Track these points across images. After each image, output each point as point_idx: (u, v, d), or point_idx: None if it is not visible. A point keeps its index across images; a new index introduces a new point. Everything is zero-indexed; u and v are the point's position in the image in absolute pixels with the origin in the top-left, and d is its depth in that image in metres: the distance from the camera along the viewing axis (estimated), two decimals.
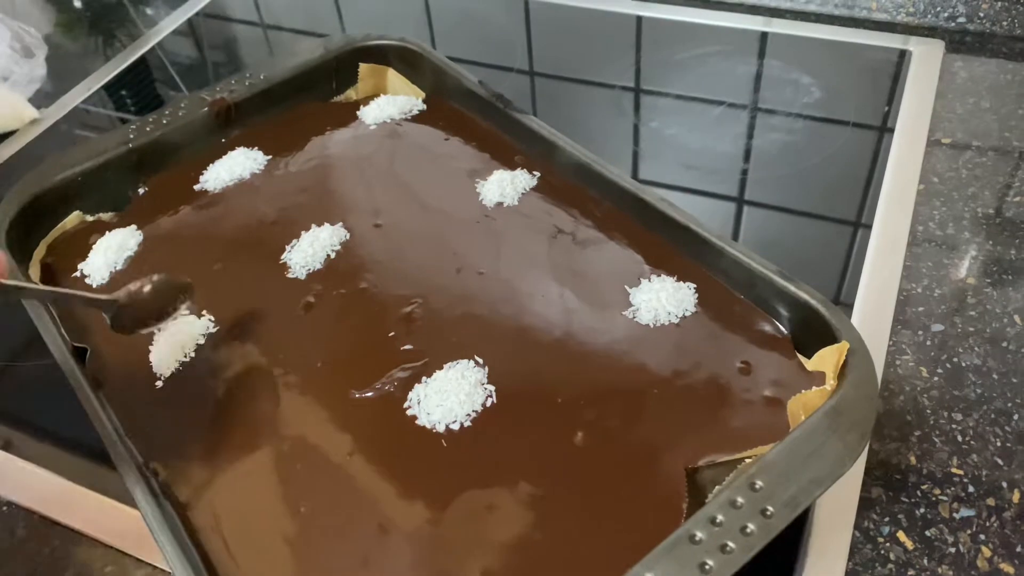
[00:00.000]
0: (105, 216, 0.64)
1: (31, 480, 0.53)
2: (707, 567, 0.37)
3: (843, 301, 0.57)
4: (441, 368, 0.48)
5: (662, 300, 0.50)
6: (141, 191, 0.65)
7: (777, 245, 0.63)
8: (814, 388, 0.45)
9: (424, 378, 0.48)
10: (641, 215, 0.55)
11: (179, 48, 0.97)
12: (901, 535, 0.46)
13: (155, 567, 0.48)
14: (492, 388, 0.47)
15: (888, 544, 0.46)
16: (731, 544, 0.38)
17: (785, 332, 0.49)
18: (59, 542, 0.50)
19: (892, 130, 0.70)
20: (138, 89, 0.90)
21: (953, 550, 0.45)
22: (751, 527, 0.38)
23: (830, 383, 0.44)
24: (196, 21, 1.00)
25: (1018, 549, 0.45)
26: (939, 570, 0.44)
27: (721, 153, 0.71)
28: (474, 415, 0.46)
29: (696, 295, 0.51)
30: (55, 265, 0.60)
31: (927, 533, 0.46)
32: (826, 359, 0.45)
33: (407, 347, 0.50)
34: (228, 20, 1.02)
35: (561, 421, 0.46)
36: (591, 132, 0.75)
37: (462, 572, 0.40)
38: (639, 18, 0.88)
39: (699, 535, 0.38)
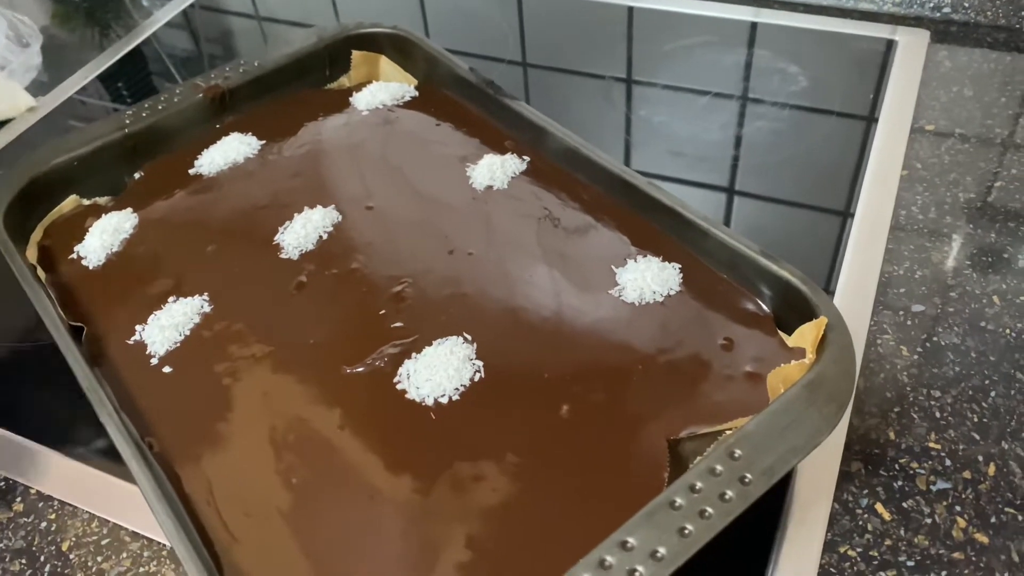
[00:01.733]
0: (101, 200, 0.65)
1: (27, 455, 0.54)
2: (686, 531, 0.38)
3: (827, 285, 0.58)
4: (430, 344, 0.49)
5: (647, 279, 0.51)
6: (137, 176, 0.66)
7: (764, 231, 0.64)
8: (793, 362, 0.46)
9: (414, 354, 0.49)
10: (628, 198, 0.56)
11: (174, 40, 0.98)
12: (879, 507, 0.47)
13: (151, 539, 0.49)
14: (480, 363, 0.48)
15: (866, 515, 0.47)
16: (710, 510, 0.39)
17: (767, 310, 0.50)
18: (55, 516, 0.51)
19: (877, 119, 0.71)
20: (133, 79, 0.91)
21: (929, 521, 0.46)
22: (729, 494, 0.39)
23: (809, 357, 0.46)
24: (191, 13, 1.01)
25: (992, 520, 0.46)
26: (915, 540, 0.46)
27: (710, 141, 0.72)
28: (462, 389, 0.47)
29: (681, 275, 0.52)
30: (52, 247, 0.61)
31: (904, 505, 0.47)
32: (806, 334, 0.46)
33: (397, 324, 0.51)
34: (223, 12, 1.03)
35: (547, 395, 0.47)
36: (583, 122, 0.76)
37: (449, 540, 0.41)
38: (630, 8, 0.89)
39: (679, 501, 0.39)
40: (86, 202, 0.64)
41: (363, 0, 1.00)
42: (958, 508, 0.47)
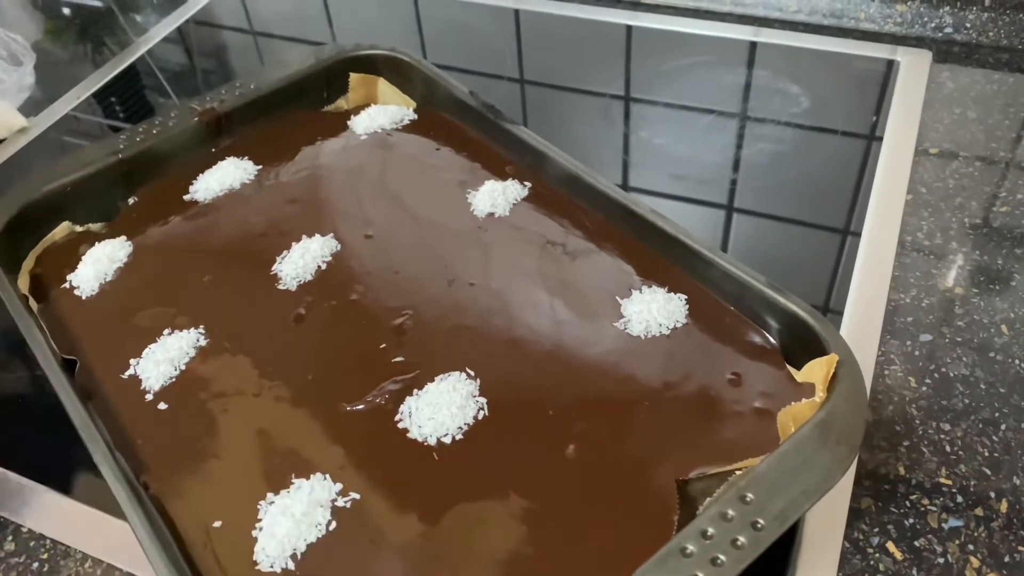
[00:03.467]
0: (94, 226, 0.63)
1: (20, 493, 0.53)
2: None
3: (832, 309, 0.58)
4: (432, 380, 0.48)
5: (653, 311, 0.51)
6: (131, 201, 0.64)
7: (766, 254, 0.63)
8: (804, 400, 0.45)
9: (415, 390, 0.48)
10: (632, 226, 0.56)
11: (169, 55, 0.97)
12: (890, 546, 0.46)
13: None
14: (484, 400, 0.47)
15: (877, 555, 0.46)
16: (722, 557, 0.38)
17: (775, 343, 0.49)
18: (47, 555, 0.50)
19: (880, 139, 0.71)
20: (128, 97, 0.90)
21: (942, 560, 0.45)
22: (742, 540, 0.38)
23: (819, 395, 0.45)
24: (186, 28, 1.00)
25: (1006, 559, 0.45)
26: None
27: (710, 163, 0.71)
28: (465, 428, 0.46)
29: (687, 306, 0.52)
30: (44, 276, 0.60)
31: (916, 543, 0.46)
32: (815, 371, 0.46)
33: (398, 359, 0.50)
34: (218, 27, 1.02)
35: (553, 434, 0.46)
36: (581, 141, 0.75)
37: None
38: (629, 27, 0.88)
39: (690, 548, 0.38)
40: (79, 228, 0.63)
41: (358, 16, 1.00)
42: (971, 547, 0.46)
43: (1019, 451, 0.50)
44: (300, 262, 0.56)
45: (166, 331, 0.53)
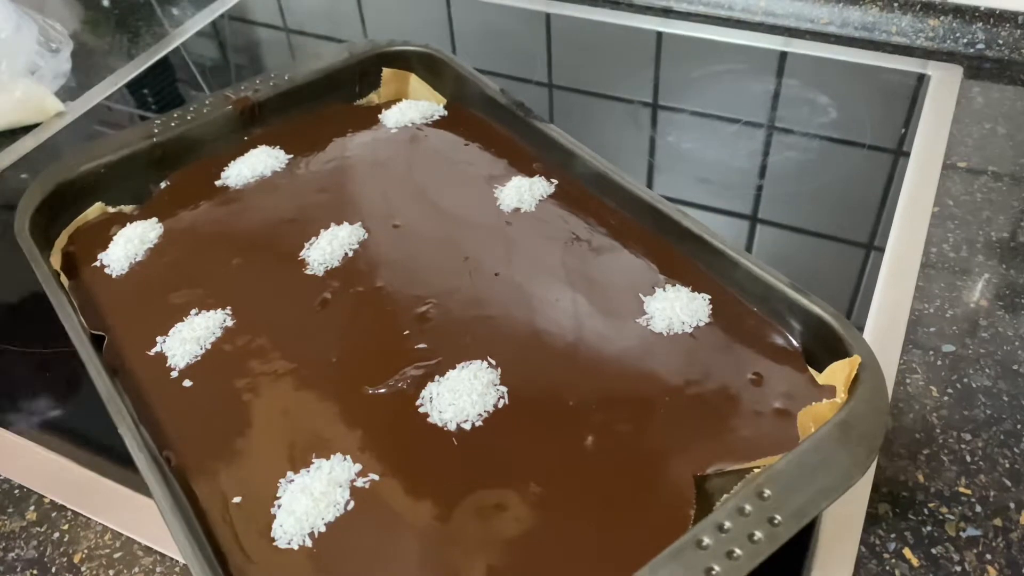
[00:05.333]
0: (127, 208, 0.64)
1: (42, 464, 0.54)
2: (713, 572, 0.37)
3: (855, 321, 0.57)
4: (454, 368, 0.49)
5: (676, 309, 0.51)
6: (163, 185, 0.65)
7: (790, 263, 0.63)
8: (824, 400, 0.45)
9: (437, 377, 0.48)
10: (657, 225, 0.56)
11: (202, 49, 0.98)
12: (907, 552, 0.46)
13: (164, 554, 0.48)
14: (504, 389, 0.48)
15: (893, 560, 0.46)
16: (738, 551, 0.38)
17: (797, 345, 0.49)
18: (68, 526, 0.51)
19: (908, 153, 0.71)
20: (160, 88, 0.91)
21: (959, 569, 0.45)
22: (758, 535, 0.38)
23: (840, 396, 0.45)
24: (220, 23, 1.01)
25: None
26: None
27: (737, 169, 0.72)
28: (486, 415, 0.46)
29: (710, 306, 0.52)
30: (75, 255, 0.61)
31: (933, 551, 0.46)
32: (837, 373, 0.45)
33: (421, 346, 0.50)
34: (252, 23, 1.03)
35: (572, 425, 0.46)
36: (607, 145, 0.75)
37: (468, 569, 0.41)
38: (659, 34, 0.88)
39: (706, 541, 0.38)
40: (111, 210, 0.64)
41: (390, 16, 1.01)
42: (988, 556, 0.46)
43: None
44: (328, 248, 0.56)
45: (193, 311, 0.54)
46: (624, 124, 0.78)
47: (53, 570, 0.49)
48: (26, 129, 0.83)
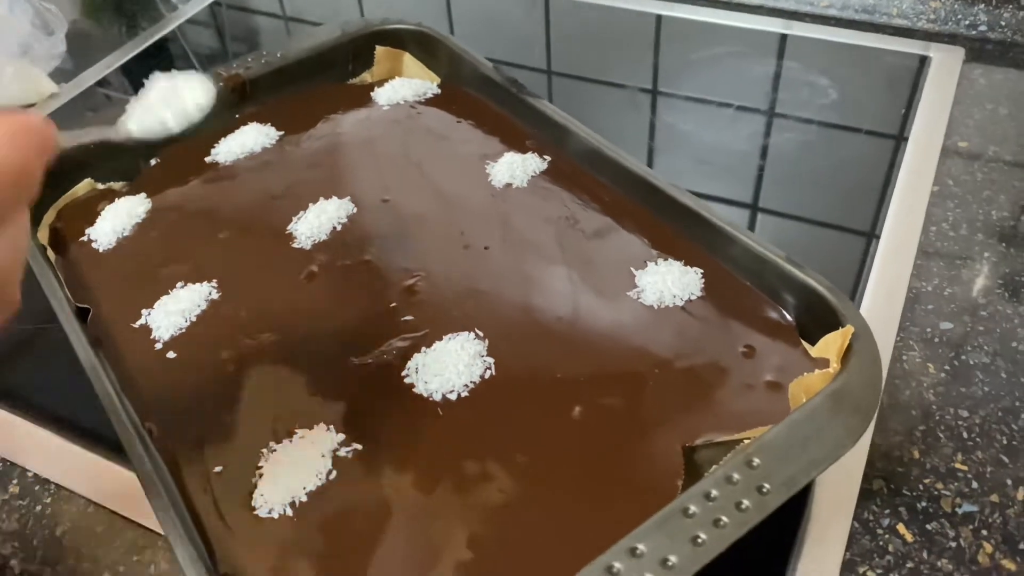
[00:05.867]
0: (116, 185, 0.64)
1: (26, 438, 0.53)
2: (699, 540, 0.36)
3: (853, 301, 0.56)
4: (441, 339, 0.48)
5: (668, 283, 0.50)
6: (152, 162, 0.65)
7: (787, 245, 0.62)
8: (816, 371, 0.44)
9: (423, 348, 0.48)
10: (650, 200, 0.55)
11: (200, 36, 0.98)
12: (901, 527, 0.45)
13: (146, 527, 0.48)
14: (491, 361, 0.47)
15: (887, 536, 0.45)
16: (725, 519, 0.37)
17: (790, 319, 0.48)
18: (51, 500, 0.50)
19: (909, 133, 0.70)
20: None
21: (954, 544, 0.44)
22: (746, 503, 0.37)
23: (834, 367, 0.44)
24: (217, 10, 1.01)
25: (1021, 546, 0.44)
26: (939, 564, 0.43)
27: (735, 151, 0.71)
28: (472, 386, 0.46)
29: (703, 280, 0.51)
30: (63, 230, 0.60)
31: (928, 527, 0.45)
32: (830, 344, 0.45)
33: (408, 318, 0.50)
34: (249, 11, 1.03)
35: (559, 396, 0.45)
36: (606, 130, 0.74)
37: (453, 539, 0.40)
38: (659, 17, 0.88)
39: (693, 509, 0.37)
40: (100, 186, 0.64)
41: (390, 3, 1.00)
42: (984, 532, 0.45)
43: None
44: (316, 222, 0.56)
45: (179, 284, 0.53)
46: (624, 109, 0.78)
47: (35, 542, 0.48)
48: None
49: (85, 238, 0.59)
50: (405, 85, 0.69)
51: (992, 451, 0.48)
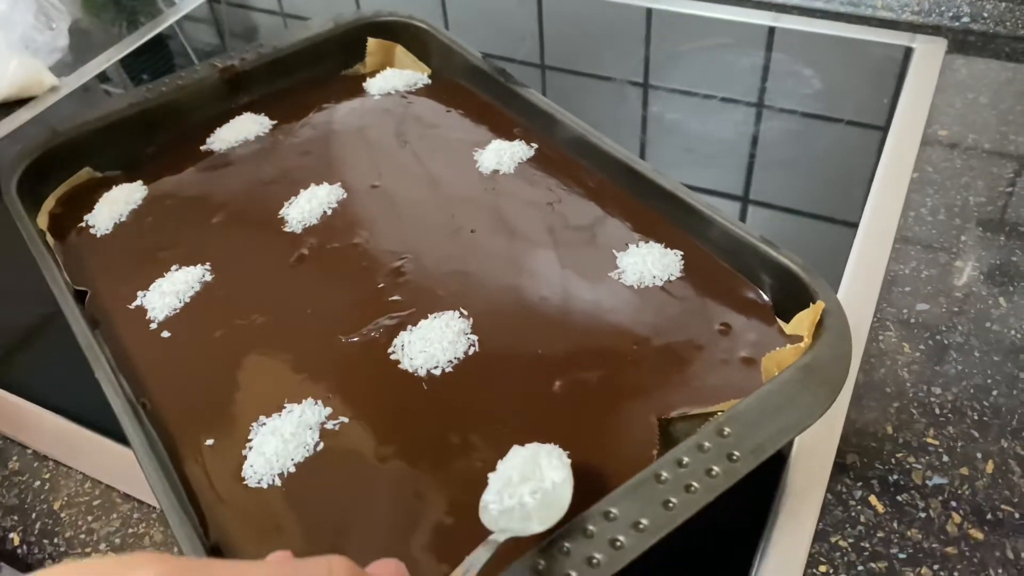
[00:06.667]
0: (114, 173, 0.65)
1: (25, 415, 0.54)
2: (670, 504, 0.37)
3: (831, 283, 0.57)
4: (426, 317, 0.49)
5: (648, 264, 0.51)
6: (150, 151, 0.66)
7: (775, 230, 0.63)
8: (788, 346, 0.46)
9: (409, 326, 0.49)
10: (633, 186, 0.56)
11: (199, 32, 0.99)
12: (872, 499, 0.46)
13: (141, 501, 0.49)
14: (475, 338, 0.48)
15: (859, 507, 0.46)
16: (695, 484, 0.38)
17: (767, 298, 0.50)
18: (49, 475, 0.51)
19: (891, 123, 0.71)
20: (155, 66, 0.92)
21: (923, 515, 0.45)
22: (716, 470, 0.39)
23: (806, 342, 0.45)
24: (216, 7, 1.02)
25: (988, 516, 0.45)
26: (908, 533, 0.45)
27: (723, 140, 0.72)
28: (456, 362, 0.47)
29: (682, 261, 0.52)
30: (62, 217, 0.62)
31: (899, 498, 0.46)
32: (803, 320, 0.46)
33: (395, 298, 0.51)
34: (247, 8, 1.04)
35: (540, 371, 0.46)
36: (599, 122, 0.76)
37: (436, 507, 0.41)
38: (649, 10, 0.89)
39: (665, 475, 0.39)
40: (99, 175, 0.65)
41: (385, 1, 1.01)
42: (953, 504, 0.46)
43: (1009, 416, 0.49)
44: (307, 207, 0.57)
45: (174, 267, 0.55)
46: (615, 101, 0.79)
47: (33, 516, 0.50)
48: (21, 102, 0.84)
49: (83, 224, 0.60)
50: (396, 76, 0.70)
51: (963, 426, 0.49)
